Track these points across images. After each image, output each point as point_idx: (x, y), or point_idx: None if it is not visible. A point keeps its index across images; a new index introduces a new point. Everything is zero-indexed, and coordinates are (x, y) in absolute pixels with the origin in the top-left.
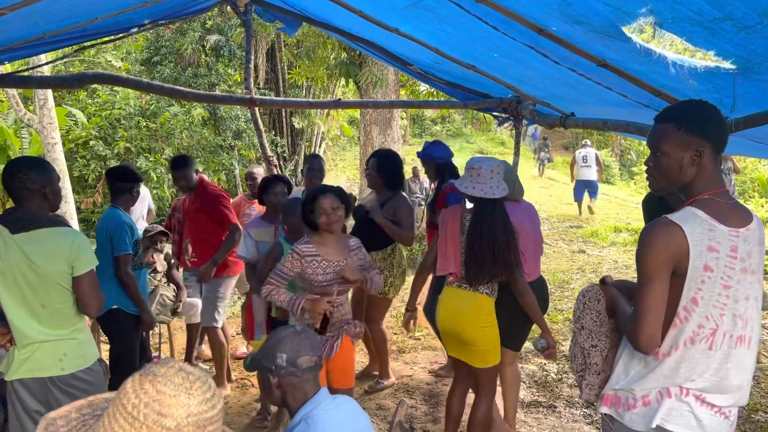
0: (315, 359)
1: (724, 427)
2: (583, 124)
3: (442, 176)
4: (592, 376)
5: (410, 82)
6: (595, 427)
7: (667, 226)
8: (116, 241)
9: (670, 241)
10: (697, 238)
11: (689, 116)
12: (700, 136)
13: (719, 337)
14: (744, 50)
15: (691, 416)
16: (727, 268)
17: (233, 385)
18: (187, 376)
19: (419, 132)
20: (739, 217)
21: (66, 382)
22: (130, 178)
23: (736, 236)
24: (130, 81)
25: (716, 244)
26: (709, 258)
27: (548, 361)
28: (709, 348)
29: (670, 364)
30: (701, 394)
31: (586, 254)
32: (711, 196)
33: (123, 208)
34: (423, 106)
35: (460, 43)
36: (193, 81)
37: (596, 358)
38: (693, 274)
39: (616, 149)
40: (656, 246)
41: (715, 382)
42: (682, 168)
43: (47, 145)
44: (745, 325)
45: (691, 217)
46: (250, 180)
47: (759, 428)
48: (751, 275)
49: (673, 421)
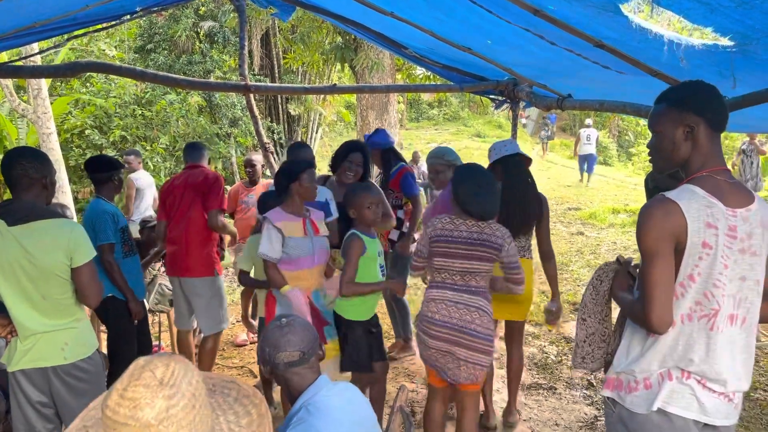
0: (298, 354)
1: (728, 409)
2: (580, 106)
3: (388, 160)
4: (577, 347)
5: (406, 66)
6: (595, 408)
7: (664, 203)
8: (98, 230)
9: (668, 218)
10: (695, 214)
11: (681, 94)
12: (691, 112)
13: (721, 319)
14: (742, 26)
15: (693, 399)
16: (725, 247)
17: (234, 372)
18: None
19: (416, 116)
20: (738, 197)
21: (67, 371)
22: (105, 167)
23: (734, 216)
24: (123, 69)
25: (714, 221)
26: (707, 234)
27: (549, 328)
28: (710, 329)
29: (668, 341)
30: (702, 378)
31: (584, 236)
32: (709, 173)
33: (106, 197)
34: (419, 90)
35: (453, 29)
36: (188, 68)
37: (581, 331)
38: (691, 250)
39: (613, 130)
40: (654, 223)
41: (713, 364)
42: (675, 144)
43: (42, 135)
44: (738, 305)
45: (688, 193)
46: (250, 167)
47: (758, 406)
48: (751, 257)
49: (674, 404)
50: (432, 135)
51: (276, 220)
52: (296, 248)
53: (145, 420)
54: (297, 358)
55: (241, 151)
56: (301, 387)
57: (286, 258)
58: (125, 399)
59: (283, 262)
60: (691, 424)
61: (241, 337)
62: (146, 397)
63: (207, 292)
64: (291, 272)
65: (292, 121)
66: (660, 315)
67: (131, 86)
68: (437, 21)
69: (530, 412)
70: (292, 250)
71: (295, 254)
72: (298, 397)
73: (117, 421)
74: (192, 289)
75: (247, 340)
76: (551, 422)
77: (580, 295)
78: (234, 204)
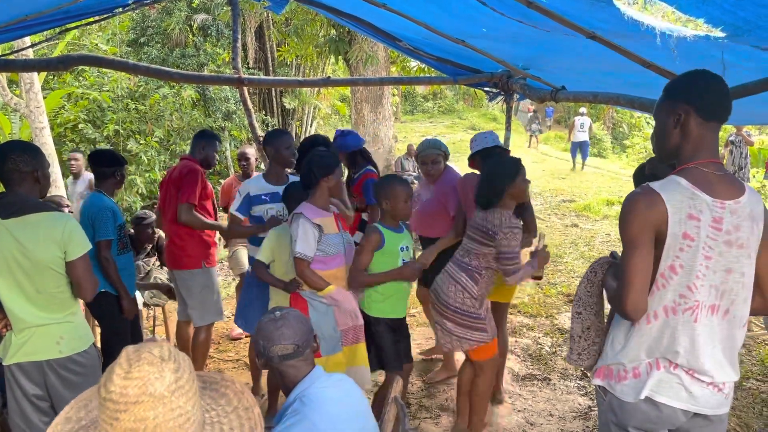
0: (292, 347)
1: (718, 400)
2: (574, 98)
3: (356, 162)
4: (573, 342)
5: (401, 58)
6: (588, 398)
7: (646, 193)
8: (97, 226)
9: (649, 208)
10: (677, 205)
11: (675, 83)
12: (681, 100)
13: (702, 310)
14: (734, 17)
15: (681, 388)
16: (709, 239)
17: (229, 365)
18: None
19: (411, 109)
20: (728, 189)
21: (63, 365)
22: (111, 162)
23: (721, 207)
24: (116, 62)
25: (697, 213)
26: (688, 226)
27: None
28: (694, 321)
29: (653, 334)
30: (689, 369)
31: (578, 228)
32: (697, 165)
33: (107, 191)
34: (413, 83)
35: (447, 22)
36: (182, 61)
37: (577, 325)
38: (672, 241)
39: (607, 122)
40: (636, 213)
41: (698, 356)
42: (666, 133)
43: (35, 129)
44: (720, 296)
45: (671, 184)
46: (244, 161)
47: (750, 395)
48: (738, 249)
49: (663, 393)
50: (427, 128)
51: (313, 216)
52: (332, 245)
53: (159, 393)
54: (291, 351)
55: (236, 145)
56: (296, 379)
57: (320, 256)
58: (132, 379)
59: (316, 261)
60: (679, 413)
61: (236, 330)
62: (153, 372)
63: (195, 284)
64: (325, 272)
65: (287, 115)
66: (635, 302)
67: (124, 80)
68: (431, 14)
69: (525, 402)
70: (328, 248)
71: (331, 251)
72: (291, 389)
73: (128, 402)
74: (182, 282)
75: (243, 334)
76: (545, 413)
77: (574, 287)
78: (227, 197)
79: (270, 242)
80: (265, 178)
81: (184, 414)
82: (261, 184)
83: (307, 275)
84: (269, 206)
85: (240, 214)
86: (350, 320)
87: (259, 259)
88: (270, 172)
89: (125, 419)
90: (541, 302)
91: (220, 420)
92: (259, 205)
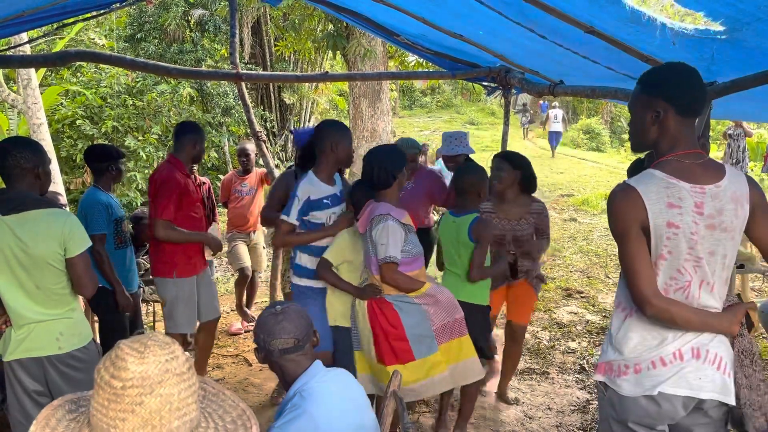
0: (292, 341)
1: (723, 381)
2: (572, 92)
3: None
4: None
5: (399, 53)
6: (587, 392)
7: (623, 189)
8: (90, 220)
9: (628, 203)
10: (653, 196)
11: (652, 78)
12: (659, 97)
13: (694, 287)
14: (734, 10)
15: (683, 378)
16: (693, 224)
17: (228, 360)
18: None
19: (409, 104)
20: (707, 174)
21: (63, 361)
22: (105, 156)
23: (701, 192)
24: (113, 58)
25: (677, 201)
26: (671, 214)
27: None
28: (687, 298)
29: (644, 317)
30: (688, 345)
31: (577, 222)
32: (675, 157)
33: (103, 186)
34: (411, 77)
35: (444, 18)
36: (179, 57)
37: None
38: (657, 231)
39: (605, 117)
40: (617, 209)
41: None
42: (644, 128)
43: (33, 125)
44: (706, 275)
45: (646, 177)
46: (244, 156)
47: None
48: (721, 232)
49: (665, 384)
50: (425, 122)
51: (400, 216)
52: (415, 245)
53: (179, 370)
54: (291, 345)
55: (234, 140)
56: (296, 374)
57: (405, 258)
58: (149, 363)
59: (402, 263)
60: (679, 408)
61: (235, 325)
62: (166, 354)
63: (164, 292)
64: (410, 273)
65: (285, 110)
66: (648, 284)
67: (122, 76)
68: (428, 11)
69: (523, 396)
70: (412, 248)
71: (414, 251)
72: (291, 384)
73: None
74: (156, 286)
75: (242, 329)
76: (544, 406)
77: (572, 281)
78: (227, 193)
79: (344, 242)
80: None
81: (197, 391)
82: (320, 187)
83: (399, 279)
84: (332, 210)
85: (294, 220)
86: (447, 315)
87: (326, 258)
88: (322, 171)
89: (150, 402)
90: (539, 296)
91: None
92: (321, 210)
